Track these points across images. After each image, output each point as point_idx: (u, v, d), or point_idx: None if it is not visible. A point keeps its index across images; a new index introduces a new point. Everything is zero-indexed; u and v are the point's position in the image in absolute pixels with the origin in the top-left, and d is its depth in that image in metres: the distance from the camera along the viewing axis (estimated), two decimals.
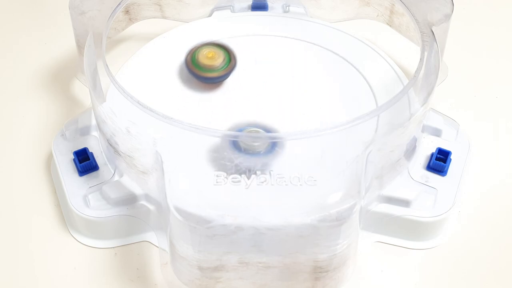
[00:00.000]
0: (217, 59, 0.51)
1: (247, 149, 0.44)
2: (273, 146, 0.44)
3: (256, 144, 0.44)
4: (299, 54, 0.55)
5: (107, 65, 0.46)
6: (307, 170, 0.43)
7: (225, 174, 0.42)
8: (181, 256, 0.42)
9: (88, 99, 0.50)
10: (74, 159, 0.49)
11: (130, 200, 0.46)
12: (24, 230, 0.48)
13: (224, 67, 0.51)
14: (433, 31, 0.48)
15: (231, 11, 0.59)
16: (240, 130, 0.46)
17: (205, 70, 0.51)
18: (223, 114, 0.50)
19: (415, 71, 0.46)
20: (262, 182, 0.42)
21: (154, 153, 0.43)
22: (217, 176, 0.42)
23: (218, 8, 0.59)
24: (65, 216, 0.49)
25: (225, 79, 0.51)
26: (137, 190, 0.46)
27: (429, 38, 0.48)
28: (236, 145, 0.44)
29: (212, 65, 0.51)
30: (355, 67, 0.53)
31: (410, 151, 0.47)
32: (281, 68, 0.53)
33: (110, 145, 0.47)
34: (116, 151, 0.46)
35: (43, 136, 0.54)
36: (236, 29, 0.57)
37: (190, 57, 0.51)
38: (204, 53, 0.51)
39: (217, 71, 0.51)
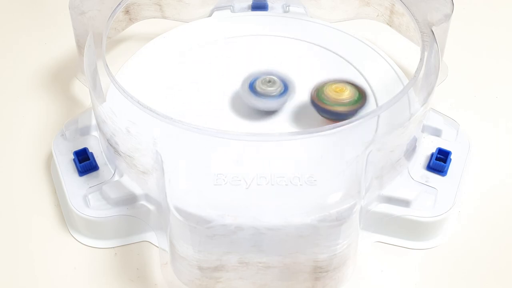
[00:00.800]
0: (345, 94, 0.48)
1: (263, 93, 0.49)
2: (285, 89, 0.49)
3: (270, 88, 0.49)
4: (299, 54, 0.55)
5: (107, 65, 0.46)
6: (307, 170, 0.43)
7: (225, 174, 0.43)
8: (181, 256, 0.42)
9: (88, 99, 0.50)
10: (74, 159, 0.49)
11: (130, 200, 0.46)
12: (24, 230, 0.48)
13: (352, 104, 0.48)
14: (433, 31, 0.48)
15: (231, 11, 0.59)
16: (255, 79, 0.49)
17: (331, 104, 0.48)
18: (223, 114, 0.50)
19: (415, 71, 0.46)
20: (262, 182, 0.42)
21: (154, 153, 0.43)
22: (217, 176, 0.42)
23: (218, 8, 0.59)
24: (65, 216, 0.49)
25: (355, 114, 0.48)
26: (137, 190, 0.46)
27: (429, 38, 0.48)
28: (253, 89, 0.49)
29: (339, 99, 0.48)
30: (355, 67, 0.53)
31: (410, 151, 0.47)
32: (281, 68, 0.53)
33: (110, 145, 0.47)
34: (116, 151, 0.46)
35: (43, 136, 0.54)
36: (236, 29, 0.57)
37: (315, 91, 0.49)
38: (333, 87, 0.49)
39: (343, 106, 0.48)
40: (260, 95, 0.49)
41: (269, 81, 0.49)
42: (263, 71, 0.50)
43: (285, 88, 0.49)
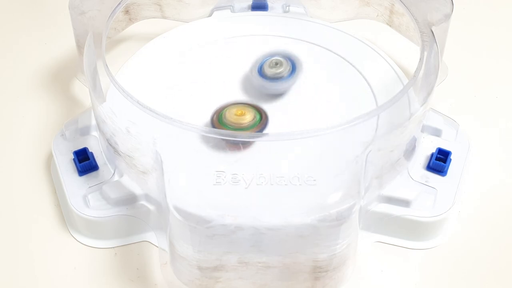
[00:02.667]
0: (246, 118, 0.47)
1: (271, 77, 0.50)
2: (293, 70, 0.50)
3: (278, 70, 0.50)
4: (299, 54, 0.55)
5: (107, 65, 0.46)
6: (307, 170, 0.43)
7: (224, 174, 0.43)
8: (181, 256, 0.42)
9: (88, 99, 0.50)
10: (74, 159, 0.49)
11: (130, 200, 0.46)
12: (24, 230, 0.48)
13: (255, 125, 0.47)
14: (433, 31, 0.48)
15: (231, 11, 0.59)
16: (264, 60, 0.50)
17: (232, 128, 0.47)
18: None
19: (415, 71, 0.46)
20: (262, 182, 0.42)
21: (154, 153, 0.43)
22: (217, 176, 0.42)
23: (218, 8, 0.59)
24: (65, 216, 0.49)
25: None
26: (137, 190, 0.46)
27: (429, 38, 0.48)
28: (262, 73, 0.50)
29: (243, 123, 0.47)
30: (355, 67, 0.53)
31: (410, 151, 0.47)
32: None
33: (110, 145, 0.47)
34: (116, 151, 0.46)
35: (43, 136, 0.54)
36: (236, 29, 0.57)
37: (217, 116, 0.48)
38: (233, 112, 0.47)
39: (245, 130, 0.47)
40: (270, 79, 0.50)
41: (276, 63, 0.50)
42: (270, 52, 0.52)
43: (293, 68, 0.50)
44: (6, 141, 0.54)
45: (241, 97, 0.51)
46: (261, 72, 0.50)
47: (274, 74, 0.50)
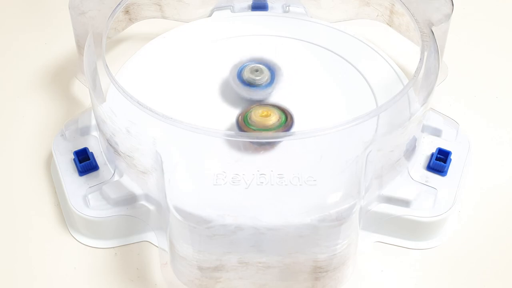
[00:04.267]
0: (272, 119, 0.47)
1: (250, 82, 0.50)
2: (272, 79, 0.50)
3: (257, 78, 0.50)
4: (299, 54, 0.55)
5: (107, 65, 0.46)
6: (307, 170, 0.43)
7: (224, 174, 0.43)
8: (181, 256, 0.42)
9: (88, 99, 0.50)
10: (74, 159, 0.49)
11: (130, 200, 0.46)
12: (24, 230, 0.48)
13: (278, 127, 0.47)
14: (433, 31, 0.48)
15: (231, 11, 0.59)
16: (243, 66, 0.50)
17: (257, 129, 0.47)
18: (223, 114, 0.50)
19: (415, 71, 0.46)
20: (262, 182, 0.42)
21: (154, 153, 0.43)
22: (217, 176, 0.42)
23: (218, 8, 0.59)
24: (65, 216, 0.49)
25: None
26: (137, 190, 0.46)
27: (429, 38, 0.48)
28: (241, 79, 0.50)
29: (265, 124, 0.47)
30: (355, 67, 0.53)
31: (410, 151, 0.47)
32: (281, 68, 0.53)
33: (110, 145, 0.47)
34: (116, 151, 0.46)
35: (43, 136, 0.54)
36: (236, 29, 0.57)
37: (242, 116, 0.48)
38: (258, 112, 0.47)
39: (270, 130, 0.47)
40: (247, 85, 0.50)
41: (257, 70, 0.50)
42: (251, 57, 0.52)
43: (272, 77, 0.50)
44: (6, 141, 0.54)
45: (236, 95, 0.51)
46: (240, 76, 0.50)
47: (253, 80, 0.50)
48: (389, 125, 0.45)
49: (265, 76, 0.50)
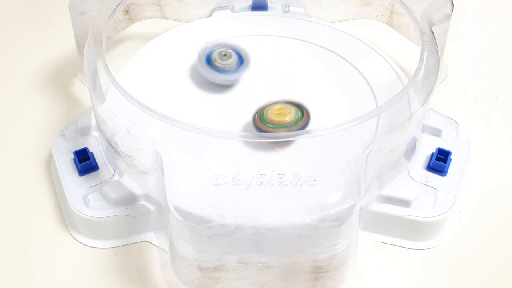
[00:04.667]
0: (287, 116, 0.46)
1: (220, 67, 0.51)
2: (241, 62, 0.51)
3: (225, 62, 0.51)
4: (299, 54, 0.55)
5: (107, 65, 0.46)
6: (307, 170, 0.43)
7: (224, 174, 0.43)
8: (181, 256, 0.42)
9: (88, 99, 0.50)
10: (74, 159, 0.49)
11: (130, 200, 0.46)
12: (24, 230, 0.48)
13: (294, 124, 0.46)
14: (433, 31, 0.48)
15: (231, 11, 0.59)
16: (210, 51, 0.51)
17: (274, 126, 0.46)
18: (223, 114, 0.50)
19: (415, 71, 0.46)
20: (262, 182, 0.42)
21: (154, 153, 0.43)
22: (217, 176, 0.42)
23: (218, 8, 0.59)
24: (65, 216, 0.49)
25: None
26: (137, 190, 0.46)
27: (429, 38, 0.48)
28: (209, 62, 0.51)
29: (281, 121, 0.46)
30: (355, 67, 0.53)
31: (410, 151, 0.47)
32: (281, 68, 0.53)
33: (110, 145, 0.47)
34: (116, 151, 0.46)
35: (43, 136, 0.54)
36: (236, 29, 0.57)
37: (258, 114, 0.47)
38: (273, 109, 0.47)
39: (286, 127, 0.46)
40: (217, 69, 0.50)
41: (225, 55, 0.50)
42: (218, 43, 0.52)
43: (241, 62, 0.51)
44: (6, 141, 0.54)
45: (242, 99, 0.51)
46: (209, 61, 0.51)
47: (222, 65, 0.51)
48: (389, 125, 0.45)
49: (234, 60, 0.51)
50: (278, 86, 0.52)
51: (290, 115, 0.47)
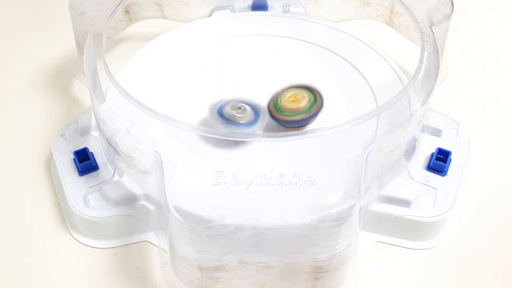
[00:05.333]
0: (301, 101, 0.47)
1: (231, 121, 0.47)
2: (253, 121, 0.47)
3: (239, 115, 0.47)
4: (299, 54, 0.55)
5: (107, 65, 0.46)
6: (307, 170, 0.43)
7: (224, 174, 0.43)
8: (181, 256, 0.42)
9: (88, 99, 0.50)
10: (74, 159, 0.49)
11: (130, 200, 0.46)
12: (24, 230, 0.48)
13: (309, 109, 0.47)
14: (433, 31, 0.48)
15: (231, 11, 0.59)
16: (223, 106, 0.47)
17: (290, 114, 0.47)
18: None
19: (415, 71, 0.46)
20: (262, 182, 0.42)
21: (154, 153, 0.43)
22: (217, 176, 0.42)
23: (218, 8, 0.59)
24: (65, 216, 0.49)
25: (313, 120, 0.47)
26: (137, 190, 0.46)
27: (429, 38, 0.48)
28: (220, 113, 0.47)
29: (296, 108, 0.47)
30: (355, 67, 0.53)
31: (410, 151, 0.47)
32: (281, 68, 0.53)
33: (110, 145, 0.47)
34: (116, 151, 0.46)
35: (43, 136, 0.54)
36: (236, 29, 0.57)
37: (272, 103, 0.47)
38: (287, 97, 0.47)
39: (302, 113, 0.47)
40: (229, 122, 0.47)
41: (239, 108, 0.47)
42: (230, 98, 0.49)
43: (255, 118, 0.48)
44: (6, 141, 0.54)
45: (240, 96, 0.51)
46: (220, 112, 0.48)
47: (232, 117, 0.47)
48: (389, 125, 0.45)
49: (248, 114, 0.47)
50: (278, 86, 0.52)
51: (304, 100, 0.47)
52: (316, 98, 0.47)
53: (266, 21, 0.58)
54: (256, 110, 0.48)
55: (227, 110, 0.47)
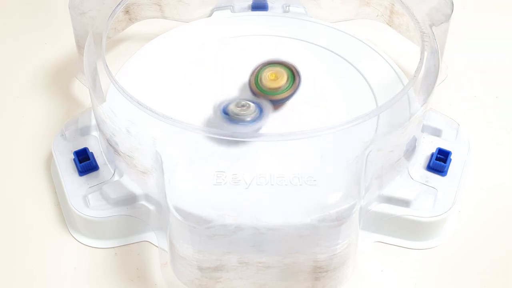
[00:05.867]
0: (281, 80, 0.49)
1: (237, 119, 0.46)
2: (258, 117, 0.47)
3: (244, 112, 0.46)
4: (299, 54, 0.55)
5: (107, 65, 0.46)
6: (307, 170, 0.43)
7: (224, 174, 0.43)
8: (181, 256, 0.42)
9: (88, 99, 0.50)
10: (74, 159, 0.49)
11: (130, 200, 0.46)
12: (24, 230, 0.48)
13: (289, 87, 0.49)
14: (433, 31, 0.48)
15: (231, 11, 0.59)
16: (226, 104, 0.47)
17: (271, 93, 0.49)
18: None
19: (415, 71, 0.46)
20: (262, 182, 0.42)
21: (154, 153, 0.43)
22: (217, 176, 0.43)
23: (218, 8, 0.59)
24: (65, 216, 0.49)
25: (290, 98, 0.49)
26: (137, 190, 0.46)
27: (429, 38, 0.48)
28: (225, 111, 0.47)
29: (277, 88, 0.49)
30: (355, 67, 0.53)
31: (410, 151, 0.47)
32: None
33: (110, 145, 0.47)
34: (116, 151, 0.46)
35: (43, 136, 0.54)
36: (236, 29, 0.57)
37: (253, 79, 0.49)
38: (267, 75, 0.49)
39: (282, 92, 0.49)
40: (234, 120, 0.46)
41: (243, 105, 0.47)
42: (234, 96, 0.49)
43: (260, 114, 0.47)
44: (6, 141, 0.54)
45: (236, 95, 0.51)
46: (225, 111, 0.47)
47: (237, 114, 0.46)
48: (389, 125, 0.45)
49: (251, 112, 0.47)
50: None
51: (283, 79, 0.49)
52: (294, 77, 0.49)
53: (266, 21, 0.58)
54: (259, 106, 0.48)
55: (232, 108, 0.47)
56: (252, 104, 0.47)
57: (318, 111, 0.50)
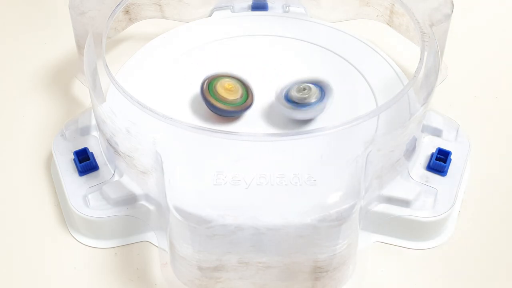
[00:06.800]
0: (236, 94, 0.48)
1: (301, 103, 0.47)
2: (322, 97, 0.47)
3: (306, 95, 0.47)
4: (299, 54, 0.55)
5: (107, 65, 0.46)
6: (307, 170, 0.43)
7: (224, 174, 0.43)
8: (181, 256, 0.42)
9: (88, 99, 0.50)
10: (74, 159, 0.49)
11: (130, 200, 0.46)
12: (24, 230, 0.48)
13: (240, 103, 0.48)
14: (433, 31, 0.48)
15: (231, 11, 0.59)
16: (287, 91, 0.47)
17: (221, 102, 0.47)
18: None
19: (415, 71, 0.46)
20: (262, 182, 0.42)
21: (154, 153, 0.43)
22: (217, 176, 0.43)
23: (218, 8, 0.59)
24: (65, 216, 0.49)
25: (238, 115, 0.48)
26: (137, 190, 0.46)
27: (429, 38, 0.48)
28: (288, 99, 0.47)
29: (229, 99, 0.47)
30: (355, 67, 0.53)
31: (410, 151, 0.47)
32: (281, 68, 0.53)
33: (110, 145, 0.47)
34: (116, 151, 0.46)
35: (43, 136, 0.54)
36: (236, 29, 0.57)
37: (207, 84, 0.48)
38: (224, 84, 0.48)
39: (233, 105, 0.47)
40: (299, 105, 0.47)
41: (304, 89, 0.47)
42: (296, 80, 0.48)
43: (322, 94, 0.47)
44: (6, 141, 0.54)
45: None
46: (287, 98, 0.47)
47: (301, 99, 0.47)
48: (389, 125, 0.45)
49: (314, 94, 0.47)
50: (278, 86, 0.52)
51: (237, 94, 0.48)
52: (247, 97, 0.48)
53: (266, 21, 0.58)
54: (319, 85, 0.48)
55: (293, 94, 0.47)
56: (312, 86, 0.47)
57: None
